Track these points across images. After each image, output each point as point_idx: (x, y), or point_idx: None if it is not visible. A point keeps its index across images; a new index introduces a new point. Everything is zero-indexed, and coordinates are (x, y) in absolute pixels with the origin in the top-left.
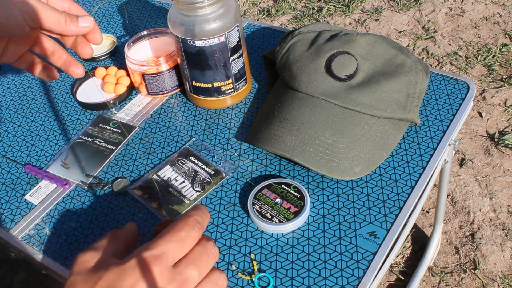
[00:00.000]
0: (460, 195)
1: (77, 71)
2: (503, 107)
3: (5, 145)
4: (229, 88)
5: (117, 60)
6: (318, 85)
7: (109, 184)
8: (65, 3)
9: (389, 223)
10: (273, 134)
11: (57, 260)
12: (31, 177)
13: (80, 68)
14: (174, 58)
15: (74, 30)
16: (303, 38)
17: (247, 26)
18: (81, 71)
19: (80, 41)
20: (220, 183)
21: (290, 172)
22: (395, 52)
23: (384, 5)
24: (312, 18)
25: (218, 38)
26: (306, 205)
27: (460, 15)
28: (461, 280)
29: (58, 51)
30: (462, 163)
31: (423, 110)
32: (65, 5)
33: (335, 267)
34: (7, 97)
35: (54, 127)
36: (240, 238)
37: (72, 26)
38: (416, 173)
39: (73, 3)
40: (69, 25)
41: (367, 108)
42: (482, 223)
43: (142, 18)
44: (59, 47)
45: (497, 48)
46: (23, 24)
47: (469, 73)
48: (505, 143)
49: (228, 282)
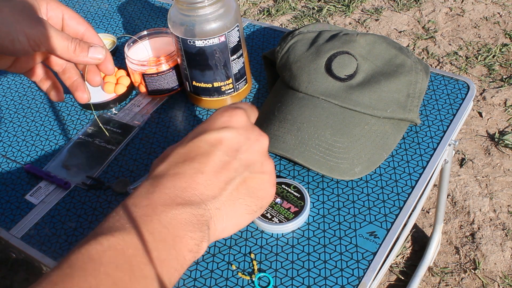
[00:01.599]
0: (460, 195)
1: (82, 97)
2: (503, 107)
3: (5, 145)
4: (229, 88)
5: (117, 60)
6: (318, 85)
7: (109, 184)
8: (80, 27)
9: (389, 223)
10: (273, 134)
11: (57, 260)
12: (31, 177)
13: (86, 94)
14: (174, 58)
15: (83, 60)
16: (303, 38)
17: (247, 26)
18: (87, 98)
19: (90, 69)
20: None
21: (290, 172)
22: (395, 52)
23: (384, 5)
24: (312, 18)
25: (218, 38)
26: (306, 205)
27: (460, 15)
28: (461, 280)
29: (69, 70)
30: (462, 163)
31: (423, 110)
32: (80, 29)
33: (335, 267)
34: (7, 97)
35: (54, 127)
36: (240, 238)
37: (81, 56)
38: (416, 173)
39: (89, 28)
40: (78, 55)
41: (367, 108)
42: (482, 223)
43: (142, 18)
44: (72, 66)
45: (497, 48)
46: (28, 49)
47: (469, 73)
48: (505, 143)
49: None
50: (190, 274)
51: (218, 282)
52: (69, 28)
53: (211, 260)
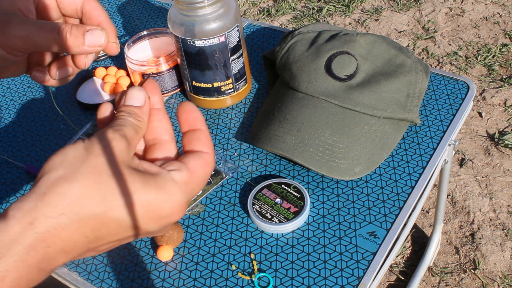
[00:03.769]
0: (460, 195)
1: (84, 61)
2: (503, 107)
3: (5, 145)
4: (229, 88)
5: (117, 60)
6: (318, 85)
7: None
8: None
9: (389, 223)
10: (273, 134)
11: None
12: (31, 177)
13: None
14: (174, 58)
15: (80, 51)
16: (303, 38)
17: (247, 26)
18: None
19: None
20: (220, 183)
21: (290, 172)
22: (395, 52)
23: (384, 5)
24: (312, 18)
25: (218, 38)
26: (306, 205)
27: (460, 15)
28: (461, 280)
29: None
30: (462, 163)
31: (423, 110)
32: (77, 1)
33: (335, 267)
34: (7, 97)
35: (54, 127)
36: (240, 238)
37: (76, 47)
38: (416, 173)
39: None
40: (71, 46)
41: (367, 108)
42: (482, 223)
43: (142, 18)
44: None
45: (497, 48)
46: (11, 57)
47: (469, 73)
48: (505, 143)
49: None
50: (190, 274)
51: (218, 282)
52: (64, 4)
53: (211, 260)
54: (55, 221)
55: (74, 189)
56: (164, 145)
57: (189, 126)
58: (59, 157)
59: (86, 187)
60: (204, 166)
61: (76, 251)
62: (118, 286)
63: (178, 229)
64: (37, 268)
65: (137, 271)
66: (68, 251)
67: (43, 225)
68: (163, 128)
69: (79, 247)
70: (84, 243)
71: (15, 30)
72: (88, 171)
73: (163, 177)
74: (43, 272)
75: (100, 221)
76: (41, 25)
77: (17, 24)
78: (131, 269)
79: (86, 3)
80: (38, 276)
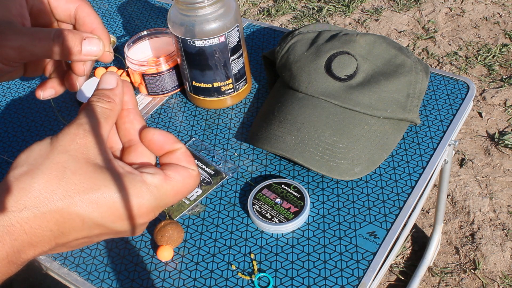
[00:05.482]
0: (460, 195)
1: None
2: (503, 107)
3: (5, 145)
4: (229, 88)
5: (117, 60)
6: (318, 85)
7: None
8: (71, 5)
9: (389, 223)
10: (273, 134)
11: (57, 260)
12: None
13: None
14: (174, 58)
15: (76, 59)
16: (303, 38)
17: (247, 26)
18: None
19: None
20: (220, 183)
21: (290, 172)
22: (395, 52)
23: (384, 5)
24: (312, 18)
25: (218, 38)
26: (306, 205)
27: (460, 15)
28: (461, 280)
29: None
30: (462, 163)
31: (423, 110)
32: (70, 8)
33: (335, 267)
34: (7, 97)
35: (54, 127)
36: (240, 238)
37: (73, 55)
38: (416, 173)
39: (82, 4)
40: (67, 54)
41: (367, 108)
42: (482, 223)
43: (142, 18)
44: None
45: (497, 48)
46: (6, 68)
47: (469, 73)
48: (505, 143)
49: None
50: (190, 274)
51: (218, 282)
52: (58, 9)
53: (211, 260)
54: (18, 215)
55: (36, 184)
56: (138, 147)
57: (161, 149)
58: (25, 153)
59: (48, 182)
60: (186, 178)
61: (44, 245)
62: (118, 286)
63: (178, 229)
64: (6, 261)
65: (137, 271)
66: (35, 245)
67: (6, 219)
68: (135, 130)
69: (46, 241)
70: (50, 237)
71: (10, 41)
72: (51, 166)
73: (132, 177)
74: (13, 264)
75: (63, 216)
76: (35, 34)
77: (12, 34)
78: (131, 269)
79: (79, 9)
80: (8, 268)
